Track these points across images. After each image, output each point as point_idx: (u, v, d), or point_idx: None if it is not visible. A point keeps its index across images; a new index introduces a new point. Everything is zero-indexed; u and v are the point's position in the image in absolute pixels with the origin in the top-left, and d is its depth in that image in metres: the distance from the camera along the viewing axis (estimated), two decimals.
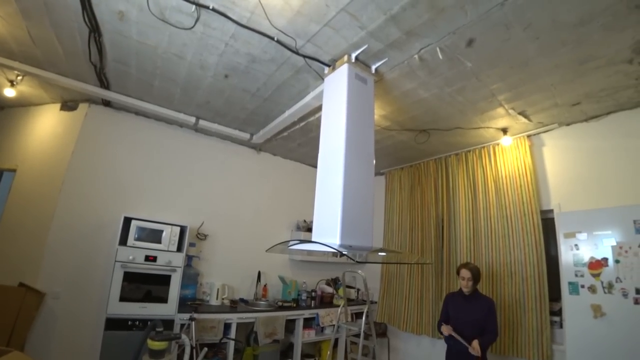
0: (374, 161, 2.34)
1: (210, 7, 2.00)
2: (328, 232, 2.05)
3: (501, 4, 1.81)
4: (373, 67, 2.48)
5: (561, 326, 2.69)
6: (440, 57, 2.25)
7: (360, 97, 2.32)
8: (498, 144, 3.40)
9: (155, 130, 3.70)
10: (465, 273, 2.67)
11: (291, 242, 2.19)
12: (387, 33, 2.12)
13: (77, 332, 2.93)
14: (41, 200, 3.11)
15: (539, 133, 3.21)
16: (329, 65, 2.50)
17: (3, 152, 3.59)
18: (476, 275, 2.66)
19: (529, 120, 3.03)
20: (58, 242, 2.98)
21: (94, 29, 2.25)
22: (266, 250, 2.26)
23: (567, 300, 2.45)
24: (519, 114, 2.94)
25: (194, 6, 1.98)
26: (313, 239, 2.16)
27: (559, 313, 2.76)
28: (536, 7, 1.81)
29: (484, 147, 3.55)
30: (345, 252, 1.71)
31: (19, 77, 2.86)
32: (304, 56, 2.40)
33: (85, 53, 2.54)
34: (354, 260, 1.69)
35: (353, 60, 2.34)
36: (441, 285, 3.62)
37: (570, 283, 2.44)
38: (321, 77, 2.63)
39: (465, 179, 3.66)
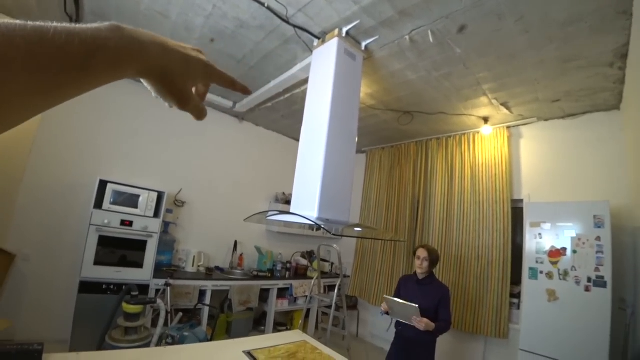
0: (357, 138, 2.35)
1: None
2: (306, 204, 2.08)
3: None
4: (363, 44, 2.44)
5: (519, 307, 2.91)
6: (431, 40, 2.24)
7: (348, 73, 2.30)
8: (478, 132, 3.48)
9: (133, 92, 3.52)
10: (421, 252, 2.48)
11: (270, 213, 2.20)
12: (380, 10, 2.08)
13: (49, 294, 2.91)
14: (11, 159, 2.95)
15: (518, 125, 3.31)
16: (318, 38, 2.44)
17: None
18: (433, 258, 2.46)
19: (510, 111, 3.10)
20: (29, 203, 2.88)
21: None
22: (244, 220, 2.26)
23: (526, 284, 2.63)
24: (502, 104, 3.00)
25: None
26: (292, 211, 2.19)
27: (518, 296, 2.98)
28: (530, 1, 1.82)
29: (464, 134, 3.64)
30: (322, 225, 1.75)
31: None
32: (294, 26, 2.33)
33: (60, 3, 2.36)
34: (330, 233, 1.73)
35: (344, 35, 2.30)
36: (412, 264, 3.78)
37: (530, 268, 2.61)
38: (310, 50, 2.57)
39: (443, 163, 3.76)
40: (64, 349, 2.58)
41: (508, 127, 3.33)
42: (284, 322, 4.20)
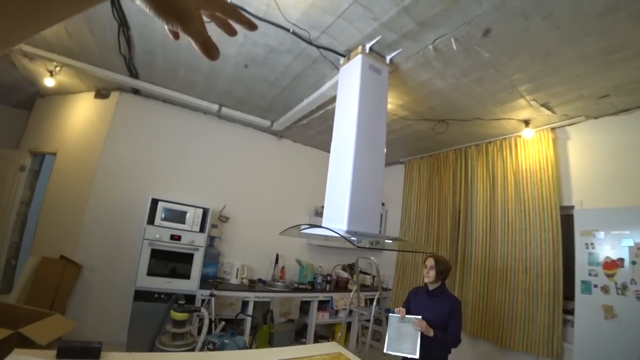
0: (385, 150, 2.37)
1: (228, 1, 2.07)
2: (336, 217, 2.14)
3: None
4: (388, 58, 2.48)
5: (573, 325, 2.65)
6: (455, 47, 2.22)
7: (374, 88, 2.35)
8: (520, 136, 3.30)
9: (180, 117, 3.88)
10: (429, 261, 2.38)
11: (302, 226, 2.29)
12: (400, 24, 2.12)
13: (110, 301, 3.24)
14: (78, 181, 3.40)
15: (563, 126, 3.08)
16: (344, 56, 2.53)
17: (45, 137, 3.92)
18: (441, 267, 2.34)
19: (553, 112, 2.92)
20: (93, 220, 3.27)
21: (123, 23, 2.40)
22: (280, 233, 2.37)
23: (579, 299, 2.40)
24: (542, 105, 2.84)
25: None
26: (323, 224, 2.25)
27: (572, 312, 2.72)
28: None
29: (505, 138, 3.46)
30: (348, 237, 1.79)
31: (57, 68, 3.09)
32: (318, 47, 2.44)
33: (116, 45, 2.71)
34: (354, 245, 1.77)
35: (367, 51, 2.36)
36: (454, 276, 3.63)
37: (583, 282, 2.38)
38: (337, 67, 2.67)
39: (484, 170, 3.60)
40: (121, 351, 2.84)
41: (552, 129, 3.11)
42: (325, 335, 4.21)
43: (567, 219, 2.91)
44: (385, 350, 2.24)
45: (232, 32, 0.43)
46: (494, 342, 3.11)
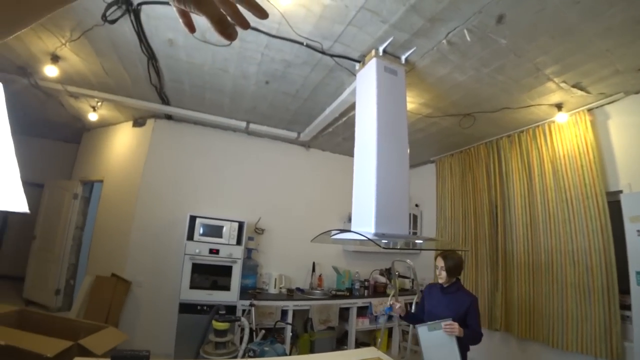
0: (408, 150, 2.36)
1: None
2: (364, 220, 2.15)
3: None
4: (403, 58, 2.48)
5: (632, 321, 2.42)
6: (469, 38, 2.18)
7: (391, 89, 2.35)
8: (553, 122, 3.12)
9: (212, 136, 4.10)
10: (438, 261, 2.30)
11: (332, 232, 2.32)
12: (410, 23, 2.13)
13: (157, 313, 3.44)
14: (124, 204, 3.68)
15: (601, 105, 2.88)
16: (359, 61, 2.57)
17: (92, 166, 4.32)
18: (451, 265, 2.25)
19: (587, 92, 2.75)
20: (139, 239, 3.52)
21: (151, 56, 2.62)
22: (311, 241, 2.42)
23: (635, 292, 2.20)
24: (573, 86, 2.68)
25: None
26: (352, 229, 2.27)
27: (631, 307, 2.49)
28: None
29: (537, 126, 3.29)
30: (374, 239, 1.79)
31: (99, 103, 3.41)
32: (332, 56, 2.50)
33: (147, 77, 2.95)
34: (381, 247, 1.77)
35: (381, 54, 2.38)
36: (497, 274, 3.46)
37: (638, 272, 2.18)
38: (353, 74, 2.71)
39: (519, 161, 3.44)
40: None
41: (589, 110, 2.92)
42: (366, 342, 4.16)
43: (616, 205, 2.69)
44: None
45: (244, 24, 0.40)
46: (545, 343, 2.91)
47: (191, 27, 0.41)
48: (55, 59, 2.68)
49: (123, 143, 4.09)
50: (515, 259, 3.31)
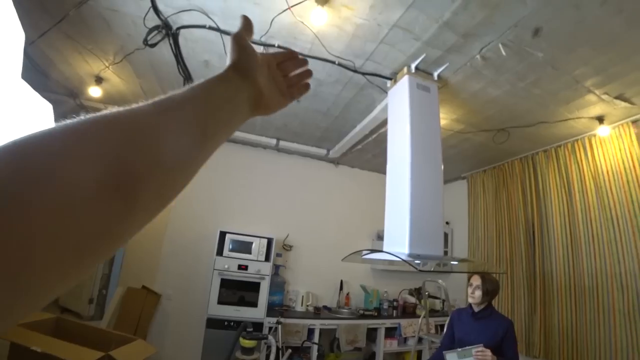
0: (442, 167, 2.31)
1: (276, 45, 2.27)
2: (398, 241, 2.10)
3: None
4: (435, 74, 2.47)
5: None
6: (504, 53, 2.14)
7: (424, 106, 2.33)
8: (594, 135, 2.97)
9: (242, 153, 4.19)
10: (474, 279, 2.18)
11: (364, 252, 2.28)
12: (443, 39, 2.12)
13: (185, 328, 3.47)
14: (157, 218, 3.77)
15: None
16: (390, 79, 2.58)
17: None
18: (489, 287, 2.12)
19: (631, 103, 2.61)
20: (170, 253, 3.60)
21: (187, 77, 2.74)
22: (342, 260, 2.39)
23: None
24: (616, 98, 2.56)
25: (262, 47, 2.28)
26: (384, 249, 2.23)
27: None
28: None
29: (576, 140, 3.14)
30: (409, 261, 1.74)
31: None
32: (364, 74, 2.53)
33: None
34: (417, 269, 1.71)
35: (413, 71, 2.38)
36: (534, 297, 3.26)
37: None
38: (385, 91, 2.71)
39: (557, 178, 3.28)
40: None
41: (634, 122, 2.76)
42: None
43: None
44: None
45: (306, 86, 0.54)
46: None
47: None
48: (99, 80, 2.85)
49: None
50: (554, 281, 3.11)
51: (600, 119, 2.81)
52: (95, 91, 2.90)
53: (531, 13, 1.85)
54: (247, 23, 0.46)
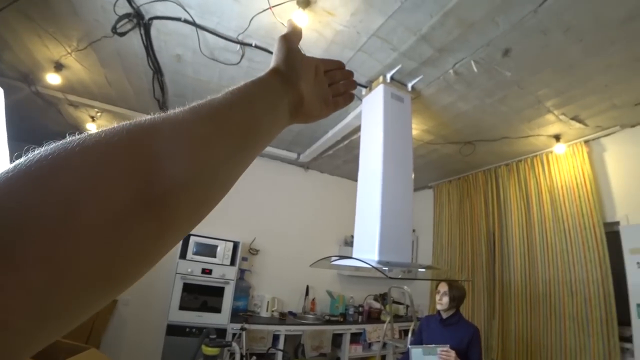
0: (413, 176, 2.35)
1: (253, 44, 2.22)
2: (367, 247, 2.11)
3: (534, 11, 1.78)
4: (409, 85, 2.52)
5: (633, 355, 2.40)
6: (476, 69, 2.23)
7: (397, 116, 2.37)
8: (551, 152, 3.18)
9: None
10: (441, 286, 2.24)
11: (333, 258, 2.27)
12: (419, 52, 2.18)
13: (143, 335, 3.28)
14: None
15: (598, 138, 2.96)
16: (365, 87, 2.60)
17: None
18: (456, 294, 2.19)
19: (585, 124, 2.82)
20: None
21: (157, 71, 2.60)
22: (310, 265, 2.36)
23: (637, 324, 2.19)
24: (572, 119, 2.76)
25: (238, 45, 2.21)
26: (353, 255, 2.23)
27: (631, 339, 2.47)
28: (574, 9, 1.75)
29: (535, 156, 3.35)
30: (379, 268, 1.75)
31: (98, 114, 3.35)
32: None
33: (150, 90, 2.92)
34: (386, 276, 1.72)
35: (388, 81, 2.42)
36: (493, 304, 3.42)
37: (639, 305, 2.19)
38: (359, 98, 2.73)
39: (517, 190, 3.47)
40: None
41: (586, 142, 2.99)
42: None
43: (613, 236, 2.72)
44: None
45: (351, 97, 0.53)
46: None
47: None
48: (58, 67, 2.64)
49: None
50: (512, 288, 3.28)
51: (557, 137, 3.01)
52: (53, 78, 2.68)
53: (502, 34, 1.94)
54: (295, 27, 0.45)
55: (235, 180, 0.31)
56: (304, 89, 0.42)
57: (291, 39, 0.43)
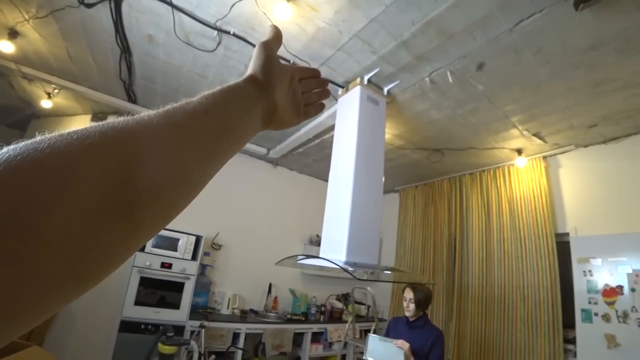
0: (383, 179, 2.38)
1: (231, 33, 2.14)
2: (335, 248, 2.10)
3: (510, 30, 1.86)
4: (385, 89, 2.55)
5: (575, 355, 2.59)
6: (451, 80, 2.30)
7: (372, 118, 2.39)
8: (513, 165, 3.37)
9: None
10: (407, 292, 2.29)
11: (299, 257, 2.24)
12: (398, 57, 2.20)
13: (93, 331, 3.06)
14: None
15: (555, 154, 3.17)
16: (342, 87, 2.59)
17: None
18: (421, 298, 2.24)
19: (544, 141, 3.00)
20: None
21: (125, 50, 2.44)
22: (275, 264, 2.31)
23: (581, 328, 2.37)
24: (534, 135, 2.92)
25: (216, 31, 2.12)
26: (321, 255, 2.21)
27: (573, 341, 2.67)
28: (545, 33, 1.85)
29: (498, 167, 3.53)
30: (348, 269, 1.75)
31: (56, 90, 3.09)
32: None
33: (116, 70, 2.74)
34: (354, 277, 1.73)
35: (365, 83, 2.43)
36: (452, 306, 3.57)
37: (583, 310, 2.37)
38: (335, 98, 2.72)
39: (479, 199, 3.63)
40: None
41: (544, 157, 3.19)
42: None
43: (562, 245, 2.93)
44: None
45: (322, 107, 0.53)
46: None
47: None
48: (13, 34, 2.39)
49: None
50: (470, 292, 3.43)
51: (520, 151, 3.19)
52: (6, 46, 2.42)
53: (479, 48, 2.01)
54: (276, 33, 0.45)
55: (206, 183, 0.31)
56: (278, 98, 0.42)
57: (271, 46, 0.43)
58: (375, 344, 2.17)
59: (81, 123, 3.71)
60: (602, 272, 2.34)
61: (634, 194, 2.64)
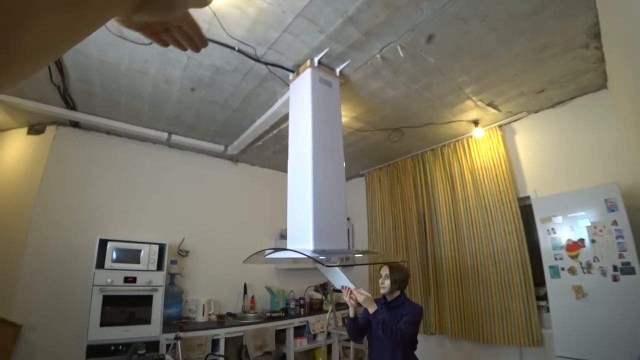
0: (344, 163, 2.32)
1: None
2: (302, 238, 2.04)
3: None
4: (337, 70, 2.48)
5: (548, 310, 2.70)
6: (402, 55, 2.27)
7: (326, 101, 2.32)
8: (471, 136, 3.44)
9: (127, 149, 3.62)
10: (383, 269, 2.23)
11: (267, 252, 2.15)
12: (346, 35, 2.13)
13: None
14: (11, 230, 3.00)
15: (509, 122, 3.26)
16: (293, 71, 2.50)
17: None
18: (397, 277, 2.17)
19: (498, 110, 3.07)
20: (32, 272, 2.87)
21: None
22: (243, 262, 2.21)
23: (550, 284, 2.47)
24: (488, 105, 2.98)
25: None
26: (288, 246, 2.14)
27: (545, 297, 2.78)
28: (489, 0, 1.84)
29: (457, 140, 3.60)
30: (316, 258, 1.69)
31: None
32: (266, 63, 2.39)
33: (46, 74, 2.48)
34: (323, 264, 1.67)
35: (316, 65, 2.34)
36: (428, 281, 3.63)
37: (550, 267, 2.46)
38: (287, 84, 2.63)
39: (442, 173, 3.70)
40: None
41: (500, 126, 3.28)
42: None
43: (526, 209, 3.03)
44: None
45: (194, 46, 0.48)
46: (476, 340, 3.11)
47: (165, 42, 0.46)
48: None
49: (14, 154, 3.35)
50: (444, 264, 3.50)
51: (476, 123, 3.25)
52: None
53: (426, 20, 1.99)
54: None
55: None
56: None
57: None
58: (335, 272, 2.27)
59: (16, 138, 3.39)
60: (564, 229, 2.43)
61: (583, 152, 2.78)
